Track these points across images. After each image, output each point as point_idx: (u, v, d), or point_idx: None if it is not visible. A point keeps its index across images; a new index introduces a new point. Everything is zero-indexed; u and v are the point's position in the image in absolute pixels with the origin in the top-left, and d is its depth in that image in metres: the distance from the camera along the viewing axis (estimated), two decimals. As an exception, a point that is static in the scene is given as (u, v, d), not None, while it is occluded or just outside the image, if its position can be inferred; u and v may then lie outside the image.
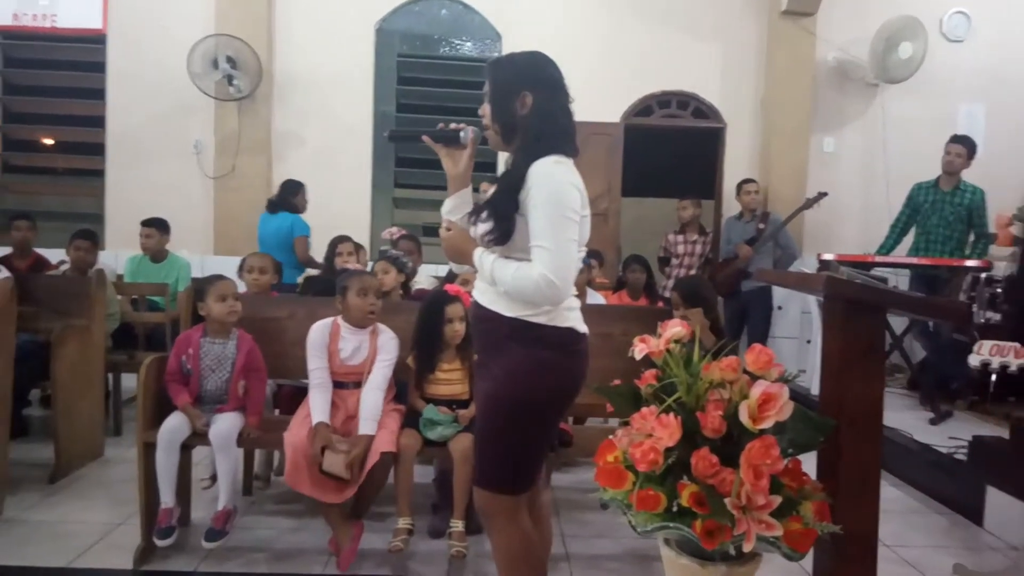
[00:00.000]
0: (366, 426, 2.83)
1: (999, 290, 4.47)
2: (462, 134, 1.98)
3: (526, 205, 1.80)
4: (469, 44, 6.73)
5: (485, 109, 1.94)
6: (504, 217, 1.82)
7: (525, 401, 1.85)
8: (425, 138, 2.00)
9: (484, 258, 1.87)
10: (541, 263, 1.74)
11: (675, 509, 1.64)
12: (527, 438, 1.90)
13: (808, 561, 2.02)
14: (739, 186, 6.01)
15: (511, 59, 1.96)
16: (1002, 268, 4.92)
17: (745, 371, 1.74)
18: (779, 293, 5.97)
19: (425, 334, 3.03)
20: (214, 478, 3.26)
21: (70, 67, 6.57)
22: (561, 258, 1.75)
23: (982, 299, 4.47)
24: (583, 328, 1.92)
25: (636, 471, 1.71)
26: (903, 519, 3.47)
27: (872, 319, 1.91)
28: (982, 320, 4.40)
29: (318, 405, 2.88)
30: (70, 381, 3.70)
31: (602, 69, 6.33)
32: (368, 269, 4.31)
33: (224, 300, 2.96)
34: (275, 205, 5.51)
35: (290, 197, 5.54)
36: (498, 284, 1.84)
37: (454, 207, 2.04)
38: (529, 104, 1.87)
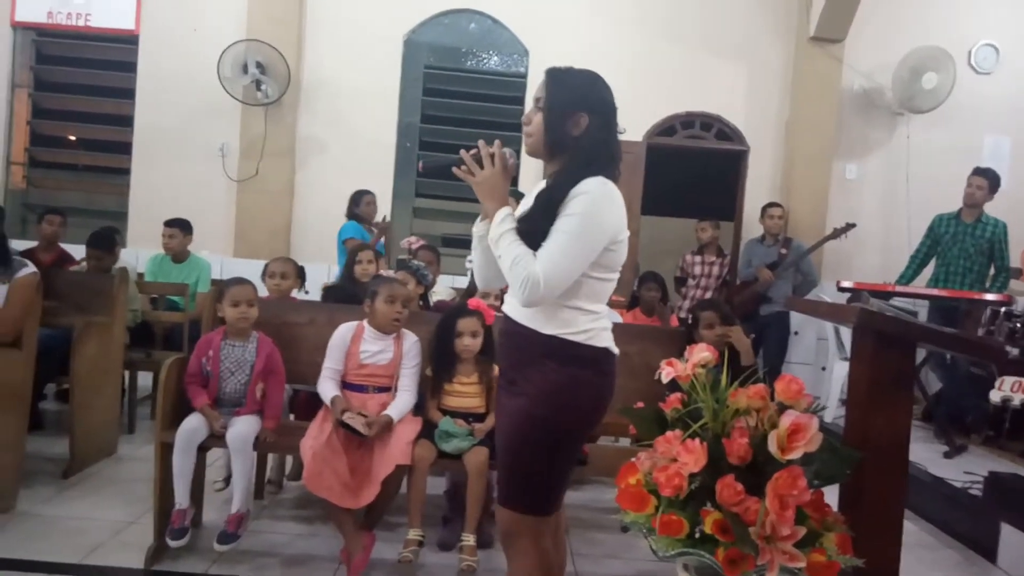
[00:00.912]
0: (392, 411, 2.88)
1: (1019, 324, 4.43)
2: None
3: (559, 214, 1.76)
4: (496, 59, 6.76)
5: (535, 117, 1.87)
6: (535, 232, 1.77)
7: (561, 420, 1.81)
8: (455, 170, 1.89)
9: (505, 223, 1.80)
10: (542, 264, 1.71)
11: (697, 535, 1.63)
12: (559, 458, 1.85)
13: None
14: (764, 209, 5.99)
15: (572, 74, 1.89)
16: (1023, 303, 4.88)
17: (772, 399, 1.73)
18: (796, 319, 5.94)
19: (438, 347, 3.04)
20: (228, 480, 3.27)
21: (101, 66, 6.66)
22: (562, 271, 1.72)
23: (1002, 333, 4.43)
24: (616, 349, 1.90)
25: (659, 495, 1.70)
26: (915, 553, 3.43)
27: (901, 352, 1.90)
28: (1002, 355, 4.35)
29: (329, 390, 2.94)
30: (88, 378, 3.72)
31: (627, 88, 6.24)
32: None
33: (237, 306, 2.97)
34: (348, 214, 5.70)
35: (352, 207, 5.71)
36: (496, 252, 1.79)
37: (489, 230, 1.90)
38: (584, 126, 1.84)
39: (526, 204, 1.96)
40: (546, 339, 1.81)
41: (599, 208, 1.76)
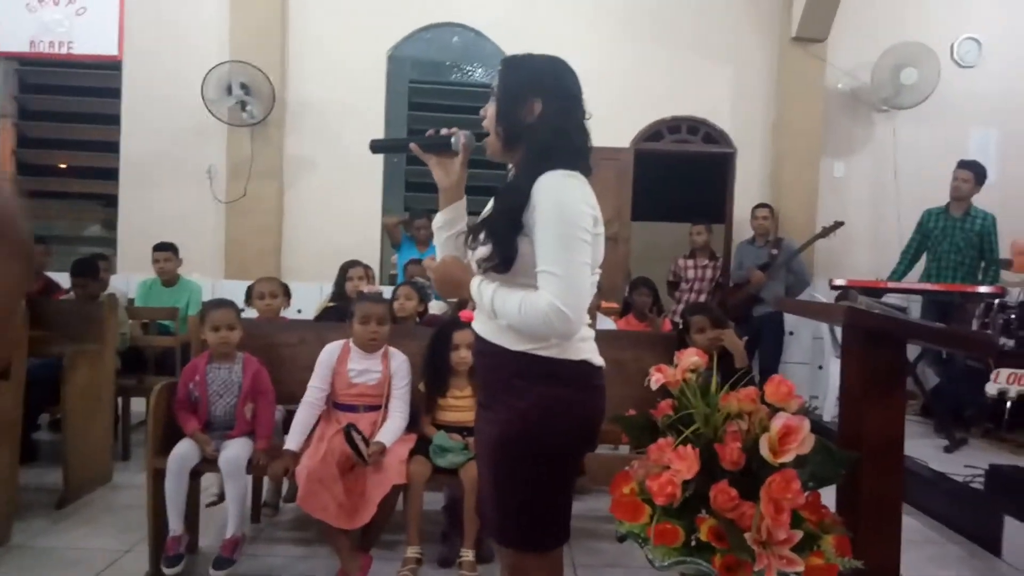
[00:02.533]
0: (384, 437, 2.85)
1: (1013, 316, 4.43)
2: (453, 139, 1.77)
3: (530, 225, 1.59)
4: (480, 71, 6.77)
5: (488, 109, 1.74)
6: (504, 241, 1.60)
7: (540, 446, 1.62)
8: (413, 146, 1.79)
9: (483, 289, 1.64)
10: (550, 291, 1.53)
11: (693, 543, 1.61)
12: (548, 487, 1.65)
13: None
14: (753, 211, 6.00)
15: (527, 59, 1.75)
16: (1015, 294, 4.88)
17: (764, 402, 1.71)
18: (790, 318, 5.93)
19: (433, 361, 3.02)
20: (222, 496, 3.25)
21: (85, 93, 6.64)
22: (573, 285, 1.54)
23: (996, 326, 4.43)
24: (599, 360, 1.71)
25: (653, 504, 1.68)
26: (919, 549, 3.41)
27: (892, 350, 1.88)
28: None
29: (298, 427, 2.91)
30: (80, 406, 3.69)
31: (612, 94, 6.35)
32: (379, 290, 4.29)
33: (217, 330, 2.95)
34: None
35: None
36: (500, 318, 1.62)
37: (447, 221, 1.81)
38: (536, 112, 1.67)
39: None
40: (515, 357, 1.63)
41: (564, 202, 1.58)
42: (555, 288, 1.54)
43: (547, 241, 1.56)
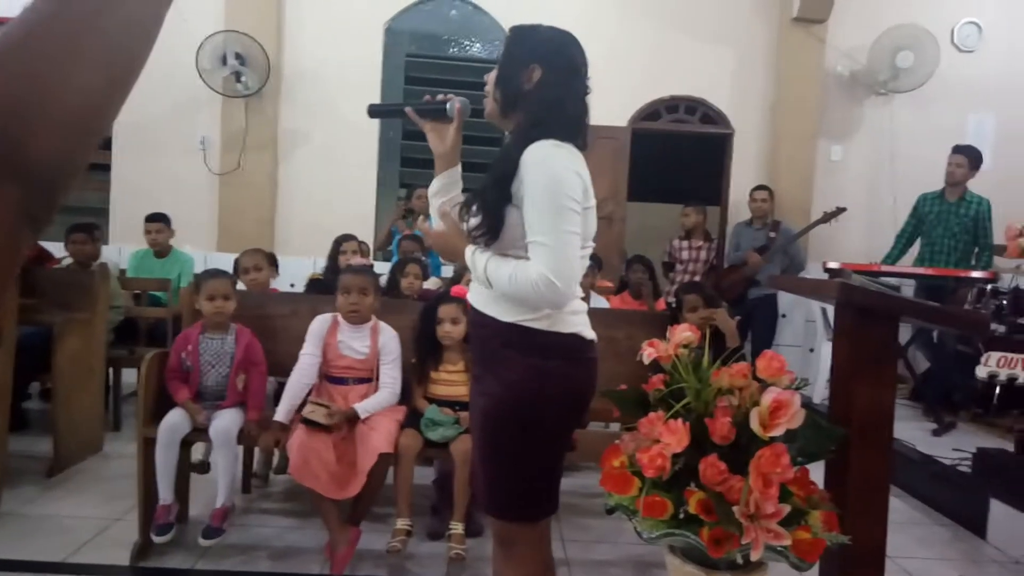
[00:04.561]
0: (361, 405, 2.87)
1: (1004, 302, 4.45)
2: (448, 105, 1.78)
3: (519, 196, 1.59)
4: (478, 45, 6.72)
5: (491, 75, 1.75)
6: (492, 211, 1.62)
7: (529, 418, 1.63)
8: (408, 111, 1.80)
9: (477, 257, 1.66)
10: (540, 261, 1.54)
11: (682, 516, 1.62)
12: (536, 459, 1.67)
13: (812, 572, 2.00)
14: (751, 193, 5.99)
15: (533, 28, 1.75)
16: (1008, 279, 4.90)
17: (755, 378, 1.72)
18: (784, 301, 5.94)
19: (422, 335, 3.02)
20: (204, 465, 3.27)
21: (78, 60, 6.56)
22: (562, 254, 1.54)
23: (988, 311, 4.45)
24: (590, 334, 1.71)
25: (643, 476, 1.68)
26: (905, 530, 3.44)
27: (884, 327, 1.88)
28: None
29: (288, 396, 2.91)
30: (71, 374, 3.68)
31: (610, 72, 6.28)
32: (367, 263, 4.27)
33: (212, 300, 2.94)
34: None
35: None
36: (494, 286, 1.63)
37: (442, 187, 1.84)
38: (535, 80, 1.67)
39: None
40: (505, 327, 1.64)
41: (553, 171, 1.58)
42: (544, 258, 1.54)
43: (535, 211, 1.57)
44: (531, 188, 1.57)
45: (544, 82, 1.67)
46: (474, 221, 1.67)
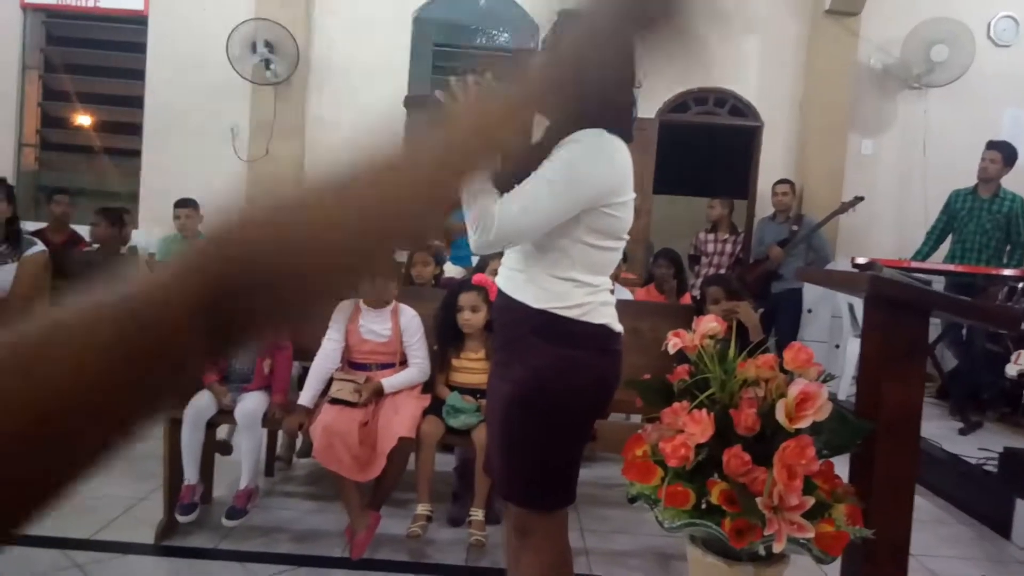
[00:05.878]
0: (387, 380, 2.90)
1: (1036, 300, 4.37)
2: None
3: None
4: (506, 35, 6.70)
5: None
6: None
7: (553, 406, 1.61)
8: (438, 93, 1.74)
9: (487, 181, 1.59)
10: (504, 204, 1.53)
11: (704, 506, 1.61)
12: (557, 448, 1.65)
13: (834, 566, 1.98)
14: (773, 187, 5.93)
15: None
16: (1040, 278, 4.81)
17: (782, 369, 1.70)
18: (809, 296, 5.88)
19: (442, 323, 3.03)
20: (227, 446, 3.33)
21: (111, 47, 6.65)
22: (525, 216, 1.53)
23: (1019, 308, 4.37)
24: (618, 327, 1.69)
25: (665, 466, 1.68)
26: (929, 528, 3.40)
27: (915, 321, 1.85)
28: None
29: (313, 380, 2.94)
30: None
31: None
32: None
33: None
34: None
35: None
36: (467, 192, 1.55)
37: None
38: None
39: None
40: (535, 314, 1.61)
41: (587, 158, 1.56)
42: (510, 205, 1.53)
43: (540, 173, 1.55)
44: (555, 155, 1.56)
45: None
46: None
